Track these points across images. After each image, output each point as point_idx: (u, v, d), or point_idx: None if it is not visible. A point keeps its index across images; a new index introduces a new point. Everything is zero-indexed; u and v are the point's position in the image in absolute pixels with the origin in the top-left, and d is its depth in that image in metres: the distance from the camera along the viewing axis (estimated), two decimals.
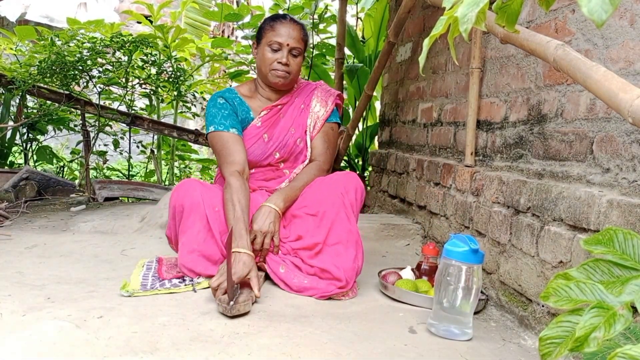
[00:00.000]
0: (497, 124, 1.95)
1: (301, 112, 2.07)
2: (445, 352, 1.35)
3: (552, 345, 0.60)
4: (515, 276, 1.63)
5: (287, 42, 1.93)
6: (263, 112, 2.02)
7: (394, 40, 2.98)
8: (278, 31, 1.94)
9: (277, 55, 1.94)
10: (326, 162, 2.04)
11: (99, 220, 2.70)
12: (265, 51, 1.95)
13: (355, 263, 1.75)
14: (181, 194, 1.83)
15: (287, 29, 1.94)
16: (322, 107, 2.08)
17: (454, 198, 2.16)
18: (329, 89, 2.15)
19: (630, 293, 0.59)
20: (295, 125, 2.05)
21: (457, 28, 0.60)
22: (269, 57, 1.94)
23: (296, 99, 2.09)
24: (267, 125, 2.02)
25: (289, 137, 2.03)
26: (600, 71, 0.85)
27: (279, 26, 1.94)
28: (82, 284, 1.68)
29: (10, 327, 1.28)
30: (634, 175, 1.25)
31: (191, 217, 1.79)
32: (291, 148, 2.03)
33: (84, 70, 3.75)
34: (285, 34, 1.93)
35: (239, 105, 2.03)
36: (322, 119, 2.07)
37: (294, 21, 1.99)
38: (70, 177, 4.87)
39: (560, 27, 1.58)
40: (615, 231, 0.66)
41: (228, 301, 1.47)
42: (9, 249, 2.08)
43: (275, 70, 1.95)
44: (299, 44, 1.96)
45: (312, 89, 2.12)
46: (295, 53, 1.96)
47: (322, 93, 2.11)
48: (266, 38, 1.95)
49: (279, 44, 1.93)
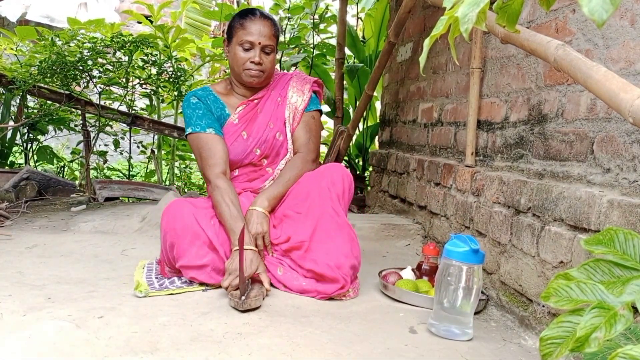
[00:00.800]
0: (497, 124, 1.95)
1: (278, 105, 2.01)
2: (445, 352, 1.35)
3: (553, 345, 0.60)
4: (515, 276, 1.63)
5: (259, 41, 1.87)
6: (239, 107, 1.97)
7: (395, 40, 2.98)
8: (249, 29, 1.87)
9: (250, 55, 1.88)
10: (310, 152, 1.97)
11: (100, 220, 2.70)
12: (237, 50, 1.89)
13: (349, 259, 1.70)
14: (171, 218, 1.73)
15: (258, 26, 1.87)
16: (299, 97, 2.02)
17: (455, 198, 2.16)
18: (304, 76, 2.09)
19: (631, 293, 0.59)
20: (273, 119, 1.98)
21: (458, 28, 0.60)
22: (241, 57, 1.88)
23: (272, 91, 2.03)
24: (244, 122, 1.96)
25: (268, 131, 1.96)
26: (601, 71, 0.85)
27: (249, 24, 1.87)
28: (82, 284, 1.68)
29: (11, 327, 1.28)
30: (634, 176, 1.25)
31: (187, 239, 1.69)
32: (271, 143, 1.96)
33: (85, 70, 3.75)
34: (256, 32, 1.87)
35: (213, 102, 1.97)
36: (300, 109, 2.01)
37: (264, 17, 1.92)
38: (71, 177, 4.88)
39: (560, 27, 1.58)
40: (615, 231, 0.66)
41: (240, 296, 1.49)
42: (10, 249, 2.08)
43: (248, 70, 1.89)
44: (270, 41, 1.90)
45: (288, 80, 2.06)
46: (268, 50, 1.90)
47: (297, 82, 2.05)
48: (237, 37, 1.89)
49: (250, 42, 1.87)
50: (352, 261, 1.72)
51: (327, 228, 1.73)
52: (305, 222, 1.75)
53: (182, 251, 1.69)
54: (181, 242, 1.69)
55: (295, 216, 1.79)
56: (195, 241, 1.69)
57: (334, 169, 1.83)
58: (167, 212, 1.76)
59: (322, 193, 1.76)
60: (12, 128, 4.08)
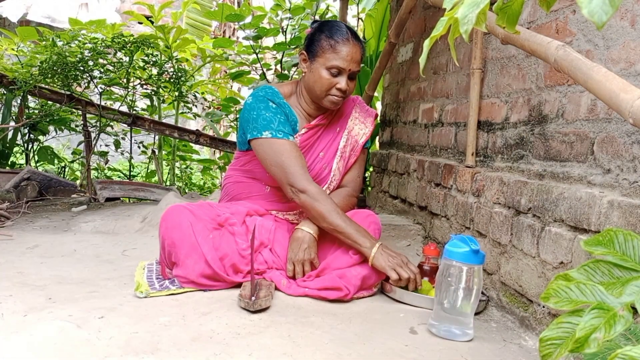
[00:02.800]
0: (498, 124, 1.95)
1: (335, 136, 1.90)
2: (446, 352, 1.35)
3: (553, 346, 0.60)
4: (516, 277, 1.63)
5: (350, 67, 1.74)
6: (303, 130, 1.86)
7: (395, 41, 2.98)
8: (340, 54, 1.73)
9: (336, 80, 1.75)
10: (357, 190, 1.92)
11: (100, 220, 2.70)
12: (322, 73, 1.75)
13: (357, 279, 1.70)
14: (169, 226, 1.68)
15: (350, 51, 1.73)
16: (361, 130, 1.92)
17: (455, 199, 2.16)
18: (367, 108, 1.99)
19: (630, 294, 0.59)
20: (326, 149, 1.88)
21: (458, 29, 0.60)
22: (327, 81, 1.75)
23: (333, 118, 1.92)
24: (303, 146, 1.86)
25: (318, 161, 1.88)
26: (601, 72, 0.85)
27: (342, 47, 1.73)
28: (83, 284, 1.68)
29: (12, 328, 1.29)
30: (634, 176, 1.25)
31: (184, 250, 1.65)
32: (317, 173, 1.86)
33: (86, 70, 3.75)
34: (348, 58, 1.73)
35: (290, 114, 1.84)
36: (360, 143, 1.91)
37: (356, 39, 1.77)
38: (72, 178, 4.89)
39: (561, 27, 1.58)
40: (615, 232, 0.66)
41: (250, 296, 1.49)
42: (11, 249, 2.09)
43: (332, 96, 1.77)
44: (359, 67, 1.78)
45: (350, 109, 1.95)
46: (353, 76, 1.79)
47: (360, 114, 1.94)
48: (325, 58, 1.74)
49: (341, 69, 1.74)
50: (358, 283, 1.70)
51: (340, 264, 1.73)
52: (322, 261, 1.76)
53: (178, 261, 1.66)
54: (178, 252, 1.66)
55: None
56: (192, 254, 1.65)
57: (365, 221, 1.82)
58: (166, 218, 1.71)
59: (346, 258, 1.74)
60: (13, 128, 4.08)
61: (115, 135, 4.57)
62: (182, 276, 1.66)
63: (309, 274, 1.72)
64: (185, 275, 1.65)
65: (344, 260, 1.73)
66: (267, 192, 1.88)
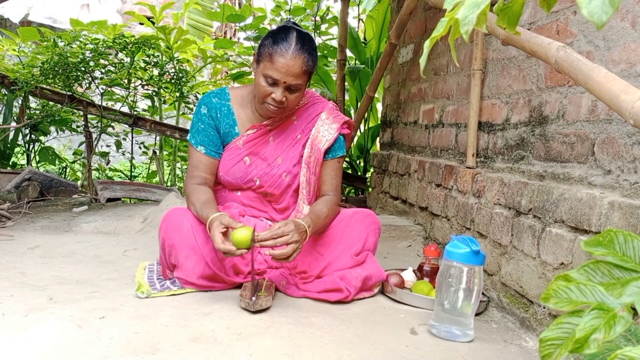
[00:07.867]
0: (498, 125, 1.95)
1: (295, 143, 1.82)
2: (446, 353, 1.35)
3: (553, 346, 0.60)
4: (516, 278, 1.63)
5: (285, 80, 1.64)
6: (249, 131, 1.79)
7: (396, 42, 2.99)
8: (275, 64, 1.62)
9: (271, 90, 1.66)
10: (339, 198, 1.87)
11: (101, 221, 2.71)
12: (260, 79, 1.67)
13: (358, 281, 1.70)
14: (170, 228, 1.67)
15: (287, 64, 1.61)
16: (324, 137, 1.82)
17: (456, 199, 2.16)
18: (337, 114, 1.87)
19: (630, 295, 0.59)
20: (284, 156, 1.81)
21: (458, 30, 0.60)
22: (263, 89, 1.67)
23: (295, 122, 1.83)
24: (249, 148, 1.79)
25: (274, 167, 1.80)
26: (602, 73, 0.85)
27: (279, 58, 1.62)
28: (84, 284, 1.68)
29: (12, 328, 1.29)
30: (635, 177, 1.25)
31: (184, 252, 1.64)
32: (275, 181, 1.81)
33: (87, 71, 3.76)
34: (283, 70, 1.62)
35: (225, 116, 1.79)
36: (322, 150, 1.82)
37: (299, 50, 1.64)
38: (73, 178, 4.89)
39: (561, 28, 1.58)
40: (615, 233, 0.66)
41: (250, 297, 1.50)
42: (12, 250, 2.09)
43: (267, 104, 1.69)
44: (298, 80, 1.66)
45: (316, 115, 1.85)
46: (294, 88, 1.68)
47: (327, 119, 1.84)
48: (263, 65, 1.65)
49: (275, 80, 1.64)
50: (359, 284, 1.70)
51: (341, 265, 1.73)
52: (322, 262, 1.74)
53: (178, 263, 1.66)
54: (178, 254, 1.65)
55: (316, 254, 1.76)
56: (192, 256, 1.64)
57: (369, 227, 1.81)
58: (166, 220, 1.70)
59: (349, 259, 1.74)
60: (14, 129, 4.09)
61: (116, 135, 4.58)
62: (182, 278, 1.66)
63: (309, 274, 1.72)
64: (185, 277, 1.65)
65: (345, 261, 1.73)
66: (239, 195, 1.85)
